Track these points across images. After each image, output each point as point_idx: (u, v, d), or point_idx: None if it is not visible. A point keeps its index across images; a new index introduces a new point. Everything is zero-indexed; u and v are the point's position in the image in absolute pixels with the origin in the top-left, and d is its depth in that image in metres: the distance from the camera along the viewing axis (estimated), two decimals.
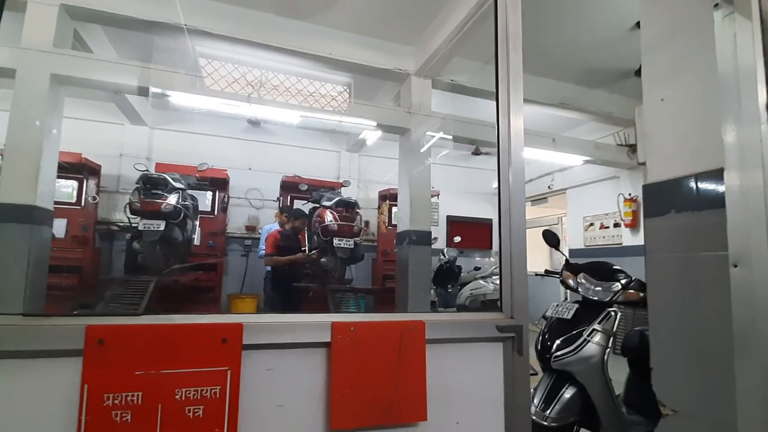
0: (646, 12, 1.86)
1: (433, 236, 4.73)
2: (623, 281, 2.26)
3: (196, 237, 5.26)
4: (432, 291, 5.72)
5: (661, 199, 1.70)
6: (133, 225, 4.32)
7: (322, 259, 4.69)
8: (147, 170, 4.67)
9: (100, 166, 5.25)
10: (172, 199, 4.23)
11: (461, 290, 5.96)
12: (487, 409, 1.05)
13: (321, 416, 0.92)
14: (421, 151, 4.51)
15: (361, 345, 0.94)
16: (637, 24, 3.76)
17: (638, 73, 4.42)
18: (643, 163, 1.91)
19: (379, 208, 6.73)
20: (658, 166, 1.76)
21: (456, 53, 3.97)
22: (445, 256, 6.13)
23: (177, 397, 0.81)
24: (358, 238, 4.78)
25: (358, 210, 5.02)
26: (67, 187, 4.97)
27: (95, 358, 0.81)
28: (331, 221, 4.59)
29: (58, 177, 3.56)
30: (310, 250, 4.77)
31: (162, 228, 4.07)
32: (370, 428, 0.94)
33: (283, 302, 4.37)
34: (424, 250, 4.35)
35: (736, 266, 1.36)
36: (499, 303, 1.13)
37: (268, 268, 4.53)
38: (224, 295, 5.73)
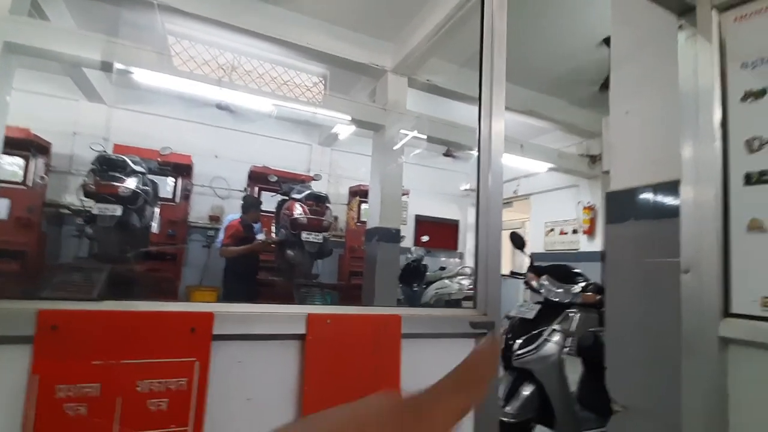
0: (617, 29, 1.95)
1: (401, 234, 4.76)
2: (582, 284, 2.37)
3: (155, 224, 5.01)
4: (398, 289, 5.76)
5: (622, 207, 1.80)
6: (86, 209, 4.06)
7: (289, 252, 4.60)
8: (104, 151, 4.40)
9: (50, 143, 4.88)
10: (131, 182, 4.01)
11: (427, 289, 6.04)
12: None
13: (292, 410, 0.90)
14: (394, 149, 4.52)
15: (336, 338, 0.92)
16: (604, 40, 3.96)
17: (603, 87, 4.66)
18: (607, 172, 2.01)
19: (348, 204, 6.69)
20: (620, 175, 1.86)
21: (433, 54, 4.01)
22: (412, 255, 6.19)
23: (139, 389, 0.77)
24: (327, 233, 4.73)
25: (328, 204, 4.97)
26: (12, 165, 4.58)
27: (47, 346, 0.75)
28: (300, 214, 4.51)
29: (3, 153, 3.28)
30: (273, 242, 4.65)
31: (118, 213, 3.84)
32: None
33: (240, 296, 4.22)
34: (392, 247, 4.37)
35: (687, 272, 1.45)
36: (473, 300, 1.15)
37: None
38: (183, 287, 5.50)
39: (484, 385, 0.25)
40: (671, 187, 1.62)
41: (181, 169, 5.55)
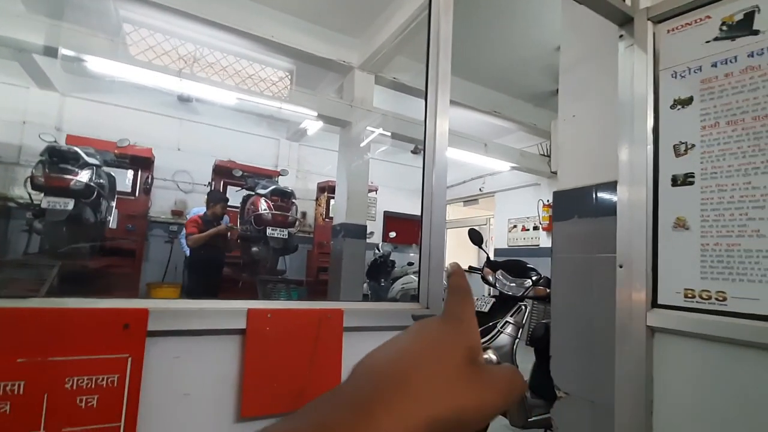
0: (566, 36, 2.05)
1: (369, 230, 4.79)
2: (534, 278, 2.48)
3: (112, 219, 4.81)
4: (365, 284, 5.79)
5: (567, 206, 1.90)
6: (34, 202, 3.85)
7: (254, 248, 4.54)
8: (55, 141, 4.18)
9: None
10: (84, 175, 3.83)
11: (393, 284, 6.10)
12: None
13: (231, 404, 0.91)
14: (361, 145, 4.53)
15: (277, 332, 0.94)
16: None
17: (558, 90, 4.84)
18: (555, 173, 2.12)
19: (317, 199, 6.65)
20: (566, 175, 1.96)
21: (399, 52, 4.04)
22: (379, 251, 6.23)
23: (67, 386, 0.76)
24: (292, 229, 4.70)
25: (293, 200, 4.93)
26: None
27: None
28: (265, 210, 4.46)
29: None
30: (239, 239, 4.58)
31: (70, 207, 3.67)
32: (282, 415, 0.94)
33: (202, 290, 4.13)
34: (358, 243, 4.39)
35: (621, 267, 1.55)
36: (418, 294, 1.19)
37: (187, 253, 4.26)
38: (143, 284, 5.31)
39: None
40: (610, 188, 1.72)
41: (141, 162, 5.35)
